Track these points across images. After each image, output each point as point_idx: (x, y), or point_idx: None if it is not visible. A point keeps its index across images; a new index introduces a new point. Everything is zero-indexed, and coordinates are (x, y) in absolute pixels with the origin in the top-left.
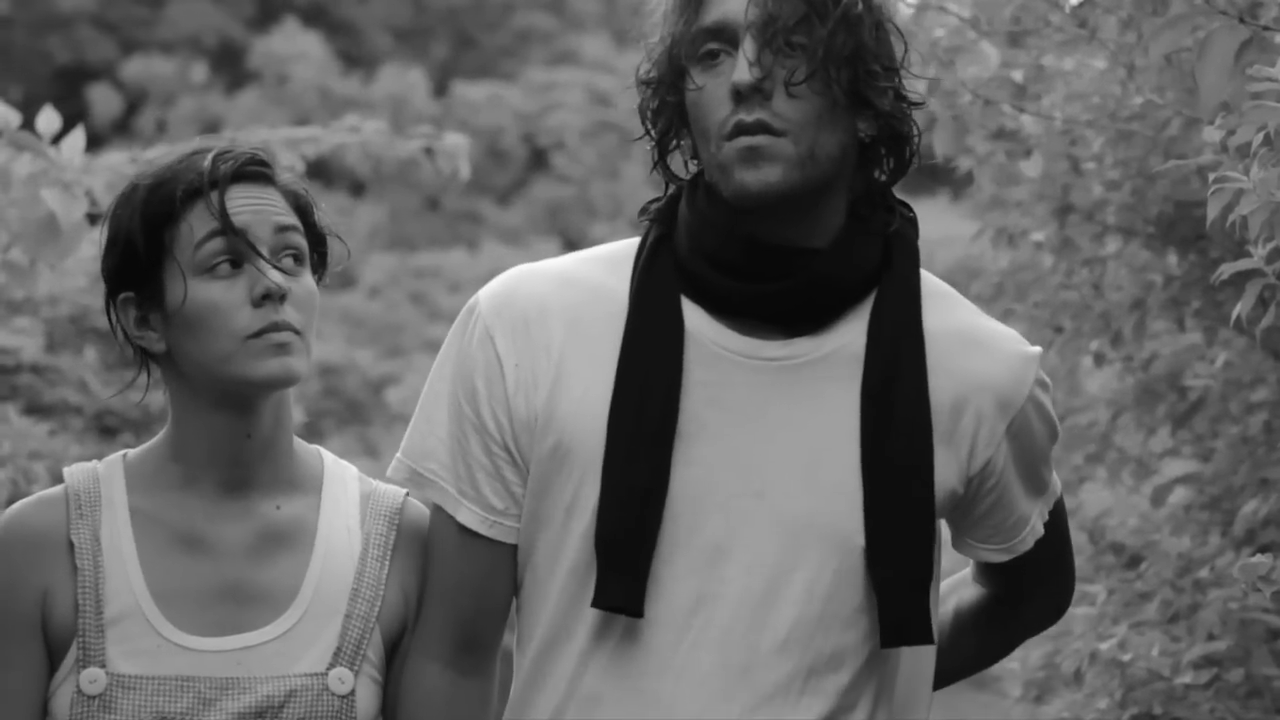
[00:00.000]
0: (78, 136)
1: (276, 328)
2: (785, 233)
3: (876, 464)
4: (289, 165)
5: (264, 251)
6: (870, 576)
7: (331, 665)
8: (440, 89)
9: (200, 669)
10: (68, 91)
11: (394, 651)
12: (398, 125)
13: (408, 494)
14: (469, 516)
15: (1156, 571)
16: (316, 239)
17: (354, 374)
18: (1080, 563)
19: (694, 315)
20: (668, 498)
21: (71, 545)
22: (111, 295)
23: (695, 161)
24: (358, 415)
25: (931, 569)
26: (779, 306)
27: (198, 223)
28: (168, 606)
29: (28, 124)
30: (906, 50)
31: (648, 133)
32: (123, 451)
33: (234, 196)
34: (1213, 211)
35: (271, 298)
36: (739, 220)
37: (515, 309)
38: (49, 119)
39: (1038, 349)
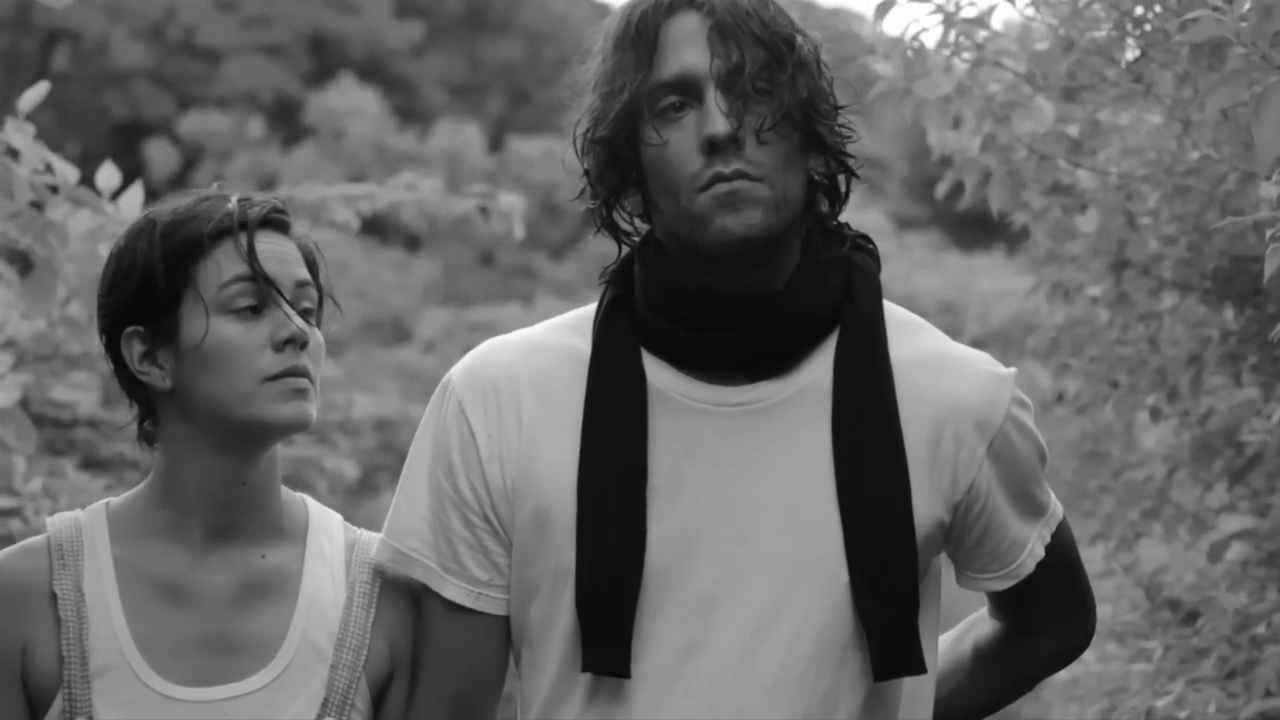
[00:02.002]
0: (136, 192)
1: (296, 372)
2: (743, 280)
3: (853, 497)
4: (343, 220)
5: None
6: (857, 610)
7: (320, 715)
8: (495, 144)
9: (186, 718)
10: (125, 147)
11: (380, 700)
12: (453, 181)
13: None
14: (454, 591)
15: (1213, 628)
16: (319, 296)
17: (409, 428)
18: (1136, 619)
19: (658, 371)
20: (651, 553)
21: (54, 596)
22: (115, 329)
23: (640, 219)
24: None
25: (918, 597)
26: (738, 353)
27: (226, 262)
28: (153, 656)
29: (86, 180)
30: (832, 86)
31: (595, 193)
32: (105, 500)
33: (261, 241)
34: (1270, 267)
35: (294, 343)
36: (696, 273)
37: (485, 380)
38: (108, 175)
39: (1011, 369)
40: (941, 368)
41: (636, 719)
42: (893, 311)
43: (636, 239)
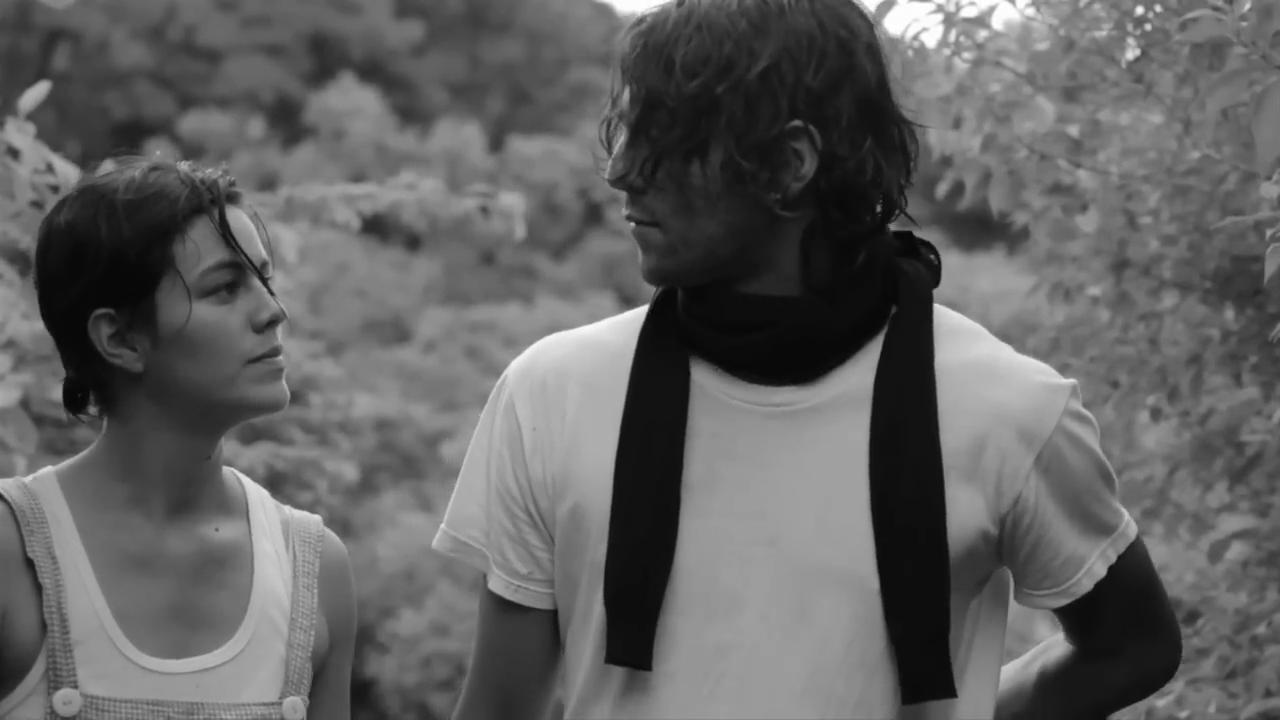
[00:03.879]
0: None
1: (277, 353)
2: (739, 288)
3: (885, 508)
4: (343, 220)
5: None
6: (888, 629)
7: (284, 694)
8: (496, 144)
9: (165, 692)
10: (126, 147)
11: (316, 679)
12: (453, 180)
13: (324, 519)
14: (495, 582)
15: (1214, 627)
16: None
17: (409, 428)
18: None
19: (702, 370)
20: (682, 550)
21: (29, 562)
22: (80, 310)
23: None
24: (413, 470)
25: (948, 618)
26: (761, 355)
27: (204, 243)
28: (128, 627)
29: None
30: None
31: None
32: (49, 468)
33: (230, 219)
34: (1270, 267)
35: (275, 324)
36: None
37: (535, 375)
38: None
39: (1070, 381)
40: (989, 377)
41: (668, 716)
42: (947, 319)
43: None
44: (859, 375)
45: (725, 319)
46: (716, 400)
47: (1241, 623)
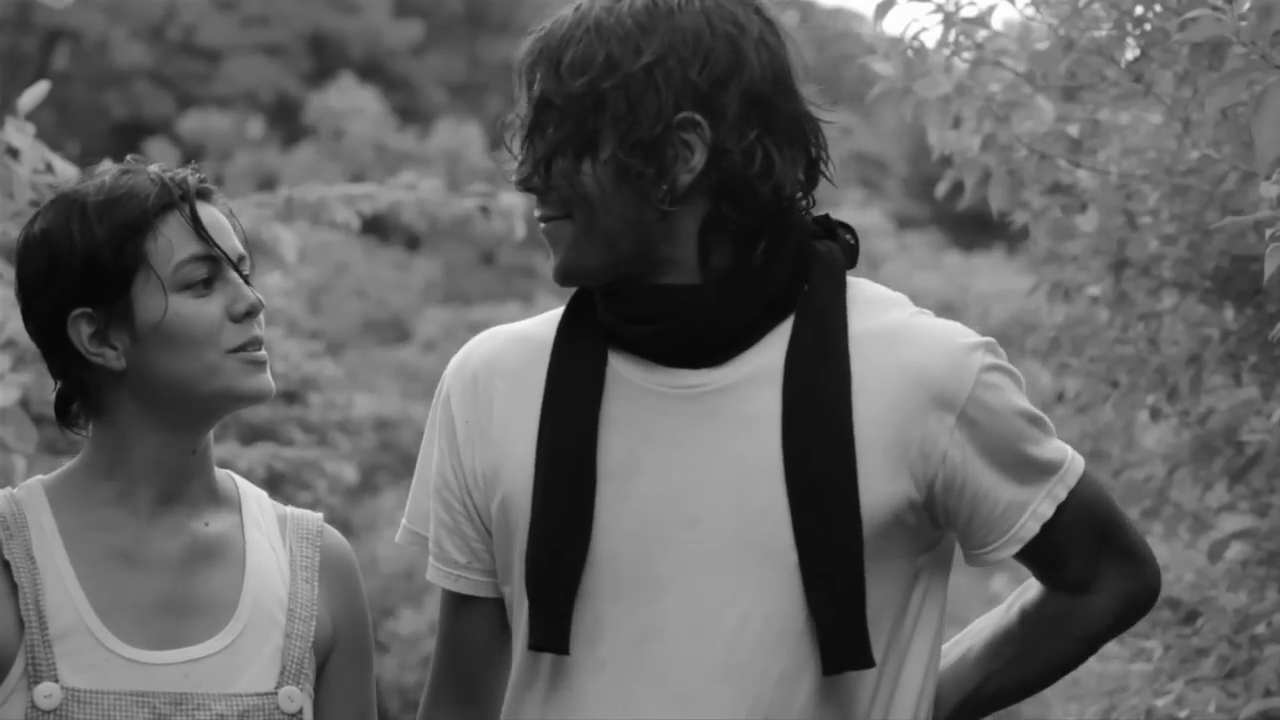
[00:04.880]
0: None
1: (257, 343)
2: (639, 280)
3: (799, 481)
4: (343, 220)
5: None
6: (808, 601)
7: (280, 684)
8: (495, 143)
9: (151, 684)
10: (125, 146)
11: (320, 672)
12: (453, 180)
13: (324, 518)
14: (432, 572)
15: (1213, 627)
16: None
17: (409, 428)
18: None
19: (620, 359)
20: (606, 536)
21: (5, 564)
22: (59, 313)
23: None
24: (412, 470)
25: (863, 588)
26: (668, 343)
27: (176, 238)
28: (110, 620)
29: None
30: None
31: None
32: (38, 477)
33: (201, 214)
34: (1270, 266)
35: (254, 314)
36: None
37: (467, 371)
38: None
39: (985, 338)
40: (902, 341)
41: (600, 702)
42: (863, 290)
43: None
44: (771, 353)
45: (634, 311)
46: (633, 386)
47: (1241, 622)
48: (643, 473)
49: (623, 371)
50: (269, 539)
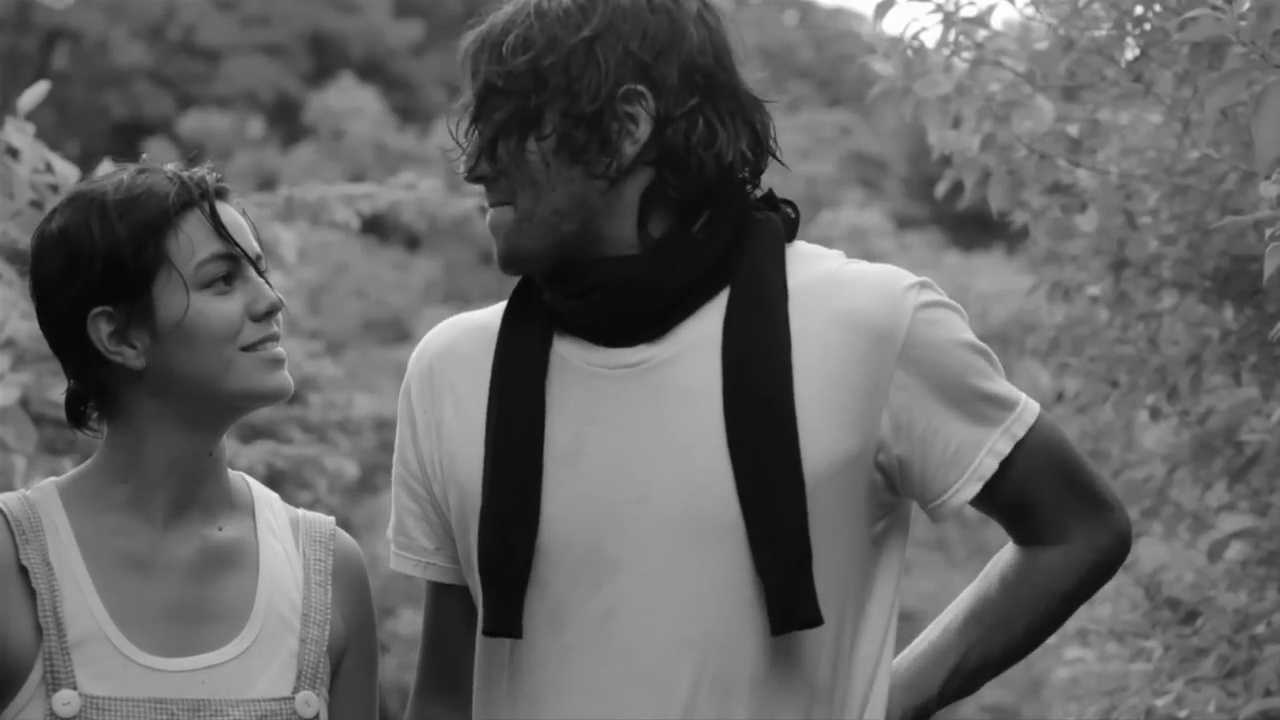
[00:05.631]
0: None
1: (276, 339)
2: (579, 256)
3: (741, 446)
4: (343, 220)
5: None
6: (755, 563)
7: (296, 689)
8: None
9: (168, 690)
10: (125, 146)
11: (335, 675)
12: (453, 180)
13: (336, 521)
14: (395, 560)
15: (1213, 627)
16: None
17: None
18: (1136, 618)
19: (565, 343)
20: (558, 521)
21: (23, 570)
22: (79, 312)
23: None
24: None
25: (809, 547)
26: (605, 316)
27: (197, 237)
28: (127, 627)
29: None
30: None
31: None
32: (51, 479)
33: (220, 211)
34: (1270, 266)
35: (273, 313)
36: None
37: (424, 360)
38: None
39: (920, 278)
40: (834, 289)
41: (566, 687)
42: (799, 249)
43: None
44: (709, 321)
45: (572, 288)
46: (578, 369)
47: (1241, 622)
48: (590, 455)
49: (566, 355)
50: (282, 543)
